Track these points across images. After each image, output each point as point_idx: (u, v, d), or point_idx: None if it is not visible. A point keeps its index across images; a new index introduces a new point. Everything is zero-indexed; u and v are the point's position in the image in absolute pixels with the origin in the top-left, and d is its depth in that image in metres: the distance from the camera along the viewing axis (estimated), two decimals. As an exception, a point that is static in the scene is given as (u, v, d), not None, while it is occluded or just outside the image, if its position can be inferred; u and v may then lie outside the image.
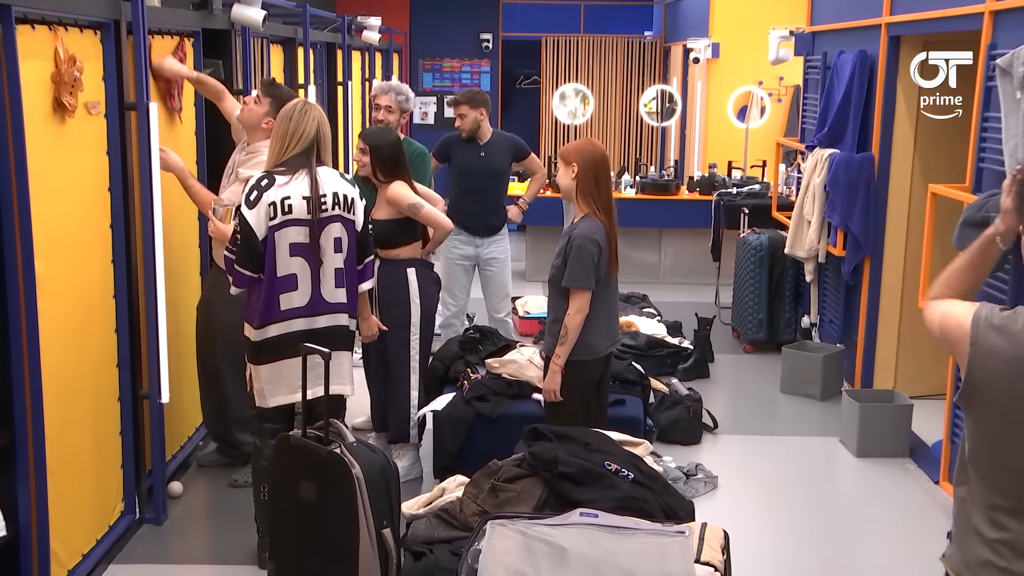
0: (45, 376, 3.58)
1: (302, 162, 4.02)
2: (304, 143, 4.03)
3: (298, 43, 7.62)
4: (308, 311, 4.04)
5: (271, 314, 4.00)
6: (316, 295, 4.05)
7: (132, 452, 4.42)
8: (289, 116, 4.05)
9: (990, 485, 2.30)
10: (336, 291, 4.10)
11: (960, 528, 2.38)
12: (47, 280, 3.62)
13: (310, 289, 4.03)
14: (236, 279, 4.02)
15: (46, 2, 3.61)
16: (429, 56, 14.34)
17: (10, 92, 3.35)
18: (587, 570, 2.79)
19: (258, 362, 4.07)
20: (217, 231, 4.30)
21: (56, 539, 3.73)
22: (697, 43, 11.52)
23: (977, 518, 2.32)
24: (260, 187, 3.95)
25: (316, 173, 4.02)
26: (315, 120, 4.06)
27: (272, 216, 3.93)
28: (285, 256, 3.97)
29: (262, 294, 3.98)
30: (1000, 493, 2.28)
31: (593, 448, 3.75)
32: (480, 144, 6.32)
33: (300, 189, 3.97)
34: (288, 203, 3.95)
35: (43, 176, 3.58)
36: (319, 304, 4.06)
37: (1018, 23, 4.52)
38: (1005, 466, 2.27)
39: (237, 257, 3.97)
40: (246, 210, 3.93)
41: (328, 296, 4.08)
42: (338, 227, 4.09)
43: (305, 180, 3.99)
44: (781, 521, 4.85)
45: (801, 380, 6.61)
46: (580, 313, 4.22)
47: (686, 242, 9.75)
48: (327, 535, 3.36)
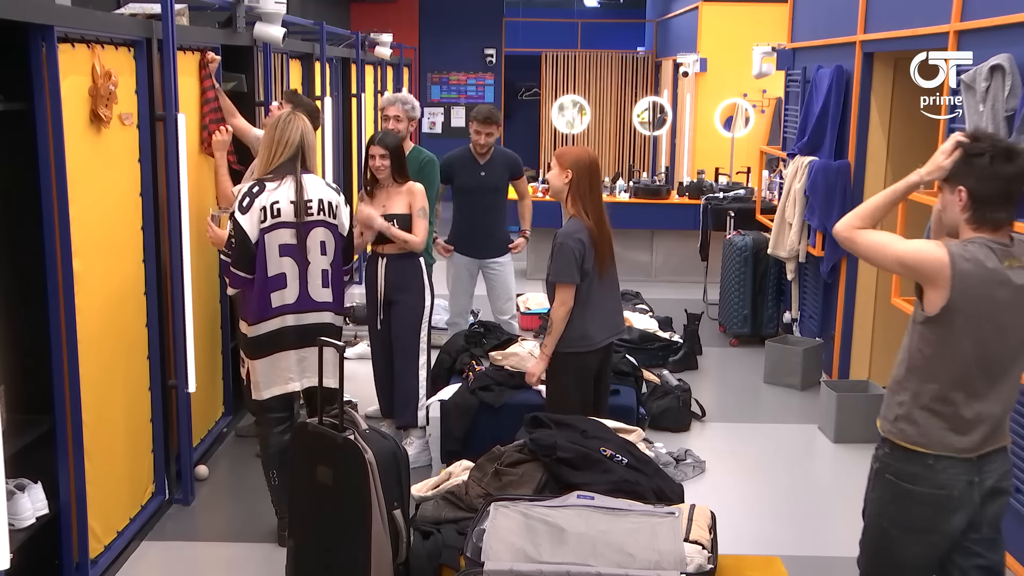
0: (82, 367, 3.60)
1: (289, 169, 4.04)
2: (290, 151, 4.05)
3: (315, 58, 7.63)
4: (297, 308, 4.07)
5: (265, 311, 4.03)
6: (304, 293, 4.07)
7: (162, 438, 4.43)
8: (275, 126, 4.08)
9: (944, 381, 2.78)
10: (322, 290, 4.12)
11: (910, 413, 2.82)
12: (84, 278, 3.64)
13: (298, 288, 4.06)
14: (232, 280, 4.05)
15: (85, 22, 3.62)
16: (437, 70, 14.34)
17: (52, 105, 3.37)
18: (584, 548, 2.80)
19: (254, 357, 4.09)
20: (215, 236, 4.29)
21: (93, 517, 3.76)
22: (686, 58, 11.54)
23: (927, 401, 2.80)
24: (252, 194, 3.97)
25: (301, 179, 4.05)
26: (299, 129, 4.07)
27: (263, 220, 3.96)
28: (275, 256, 4.00)
29: (255, 293, 4.01)
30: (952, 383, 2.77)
31: (589, 435, 3.76)
32: (481, 163, 6.00)
33: (287, 194, 4.00)
34: (277, 207, 3.98)
35: (80, 182, 3.60)
36: (307, 302, 4.08)
37: (980, 42, 4.53)
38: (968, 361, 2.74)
39: (232, 260, 4.00)
40: (239, 216, 3.95)
41: (315, 295, 4.10)
42: (323, 231, 4.10)
43: (292, 185, 4.02)
44: (764, 502, 4.86)
45: (783, 371, 6.62)
46: (564, 306, 4.22)
47: (676, 243, 9.74)
48: (342, 515, 3.37)
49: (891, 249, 2.84)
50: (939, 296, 2.73)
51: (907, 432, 2.83)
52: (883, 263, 2.95)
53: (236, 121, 5.17)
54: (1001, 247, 2.73)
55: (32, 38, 3.31)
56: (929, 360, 2.80)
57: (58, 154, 3.41)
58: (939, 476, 2.79)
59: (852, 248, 2.96)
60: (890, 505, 2.90)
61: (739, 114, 10.49)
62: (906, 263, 2.80)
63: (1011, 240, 2.76)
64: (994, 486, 2.81)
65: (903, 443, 2.84)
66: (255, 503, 4.66)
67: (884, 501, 2.92)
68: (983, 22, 4.51)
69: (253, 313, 4.03)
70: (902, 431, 2.84)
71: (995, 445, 2.82)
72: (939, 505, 2.80)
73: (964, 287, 2.69)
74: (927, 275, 2.75)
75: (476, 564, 2.80)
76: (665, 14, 14.12)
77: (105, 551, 3.92)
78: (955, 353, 2.75)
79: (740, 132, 10.44)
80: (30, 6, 3.20)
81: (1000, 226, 2.75)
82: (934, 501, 2.80)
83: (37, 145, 3.38)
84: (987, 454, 2.80)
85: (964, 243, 2.74)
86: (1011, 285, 2.71)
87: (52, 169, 3.41)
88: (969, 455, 2.78)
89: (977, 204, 2.73)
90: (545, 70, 14.87)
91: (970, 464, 2.78)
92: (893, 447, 2.87)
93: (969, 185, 2.74)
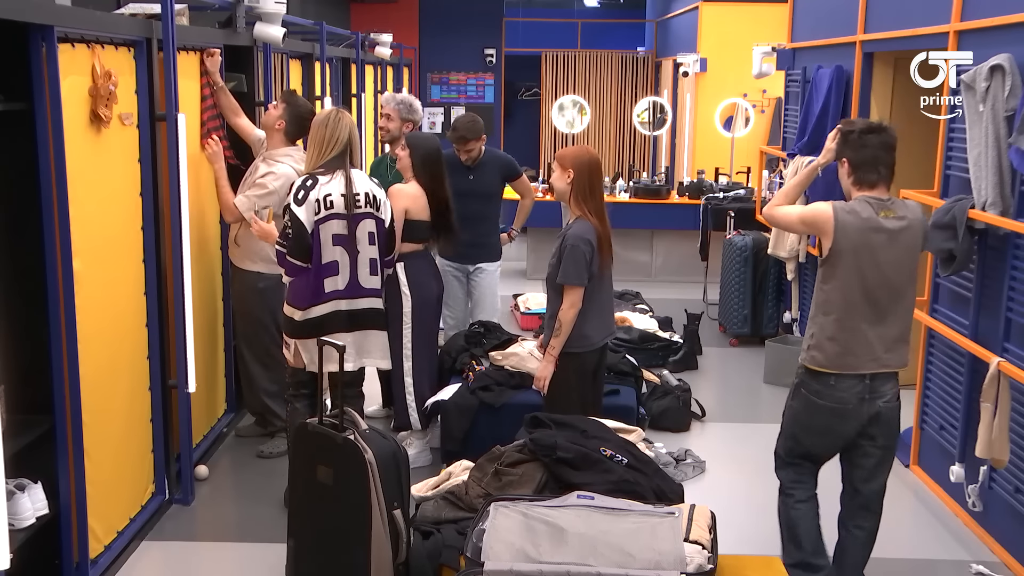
0: (82, 367, 3.60)
1: (338, 164, 4.30)
2: (339, 147, 4.31)
3: (315, 58, 7.62)
4: (347, 294, 4.35)
5: (318, 297, 4.29)
6: (354, 280, 4.35)
7: (162, 438, 4.43)
8: (325, 124, 4.32)
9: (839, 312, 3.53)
10: (371, 278, 4.42)
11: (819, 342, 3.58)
12: (84, 278, 3.64)
13: (348, 275, 4.33)
14: (288, 269, 4.27)
15: (85, 22, 3.62)
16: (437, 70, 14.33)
17: (52, 105, 3.37)
18: (584, 548, 2.80)
19: (302, 337, 4.33)
20: (262, 231, 4.49)
21: (93, 517, 3.76)
22: (686, 58, 11.53)
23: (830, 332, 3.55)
24: (306, 187, 4.22)
25: (351, 174, 4.29)
26: (347, 127, 4.33)
27: (317, 211, 4.21)
28: (328, 246, 4.26)
29: (310, 280, 4.26)
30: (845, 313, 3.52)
31: (589, 435, 3.76)
32: (469, 167, 5.70)
33: (338, 187, 4.27)
34: (329, 199, 4.24)
35: (81, 182, 3.59)
36: (356, 289, 4.37)
37: (980, 42, 4.53)
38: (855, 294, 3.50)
39: (288, 249, 4.22)
40: (295, 207, 4.18)
41: (364, 282, 4.39)
42: (370, 222, 4.37)
43: (342, 179, 4.28)
44: (764, 502, 4.85)
45: (783, 371, 6.61)
46: (573, 308, 4.23)
47: (676, 243, 9.75)
48: (342, 515, 3.37)
49: (794, 213, 3.75)
50: (828, 242, 3.53)
51: (816, 358, 3.60)
52: (790, 225, 3.91)
53: (239, 121, 5.17)
54: (878, 202, 3.51)
55: (32, 38, 3.31)
56: (827, 295, 3.57)
57: (58, 154, 3.41)
58: (837, 392, 3.57)
59: (773, 221, 3.89)
60: (801, 413, 3.73)
61: (739, 114, 10.49)
62: (804, 220, 3.68)
63: (888, 197, 3.53)
64: (882, 402, 3.58)
65: (812, 367, 3.62)
66: (255, 503, 4.66)
67: (797, 409, 3.75)
68: (983, 22, 4.51)
69: (306, 299, 4.29)
70: (812, 357, 3.61)
71: (884, 368, 3.56)
72: (836, 414, 3.61)
73: (845, 233, 3.48)
74: (818, 226, 3.57)
75: (476, 564, 2.80)
76: (665, 14, 14.12)
77: (105, 551, 3.91)
78: (844, 287, 3.52)
79: (740, 132, 10.44)
80: (30, 6, 3.20)
81: (875, 185, 3.53)
82: (833, 411, 3.60)
83: (37, 145, 3.38)
84: (877, 375, 3.55)
85: (849, 202, 3.55)
86: (885, 230, 3.48)
87: (52, 169, 3.40)
88: (862, 374, 3.54)
89: (854, 169, 3.57)
90: (545, 70, 14.87)
91: (863, 384, 3.54)
92: (806, 370, 3.66)
93: (848, 156, 3.59)
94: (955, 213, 4.40)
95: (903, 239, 3.50)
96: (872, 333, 3.50)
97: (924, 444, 5.16)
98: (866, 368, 3.53)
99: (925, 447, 5.15)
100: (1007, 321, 4.25)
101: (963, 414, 4.61)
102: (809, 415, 3.68)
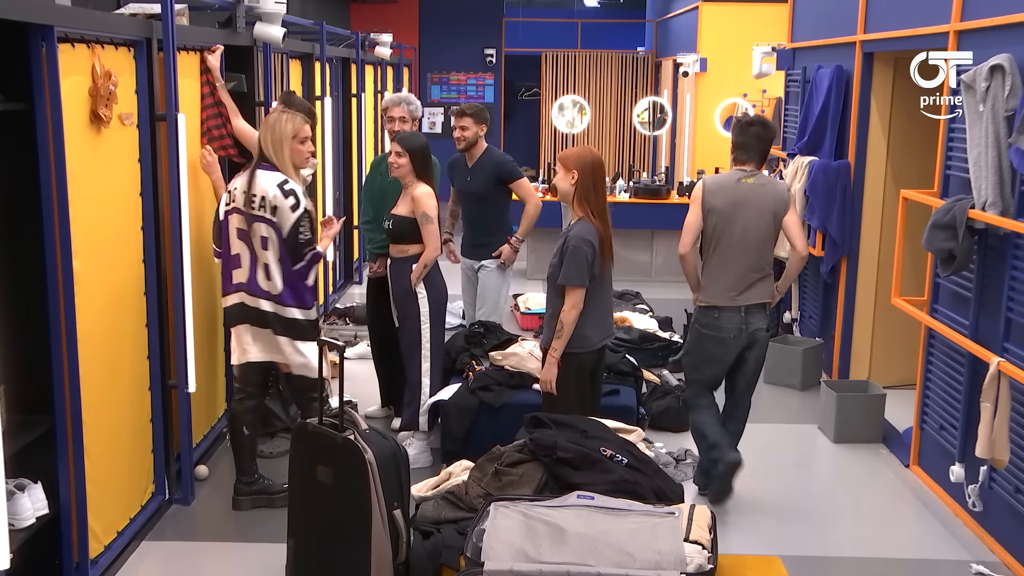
0: (82, 367, 3.60)
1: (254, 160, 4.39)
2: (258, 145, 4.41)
3: (315, 58, 7.63)
4: (248, 289, 4.38)
5: (227, 287, 4.43)
6: (252, 278, 4.37)
7: (162, 438, 4.43)
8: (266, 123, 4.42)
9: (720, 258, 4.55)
10: (266, 281, 4.35)
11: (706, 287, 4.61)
12: (84, 278, 3.64)
13: (249, 271, 4.37)
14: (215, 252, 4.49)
15: (85, 22, 3.62)
16: (437, 70, 14.34)
17: (52, 105, 3.37)
18: (584, 548, 2.80)
19: (227, 325, 4.54)
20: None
21: (93, 517, 3.76)
22: (686, 58, 11.53)
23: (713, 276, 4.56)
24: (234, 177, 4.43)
25: (256, 173, 4.30)
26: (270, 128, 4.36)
27: (227, 202, 4.37)
28: (234, 238, 4.36)
29: (223, 268, 4.44)
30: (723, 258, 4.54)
31: (589, 435, 3.76)
32: (469, 167, 5.76)
33: (242, 183, 4.33)
34: (235, 192, 4.34)
35: (81, 182, 3.59)
36: (254, 286, 4.37)
37: (980, 42, 4.53)
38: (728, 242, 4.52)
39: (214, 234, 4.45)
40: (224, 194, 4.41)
41: (260, 283, 4.36)
42: (264, 227, 4.31)
43: (246, 176, 4.33)
44: (764, 502, 4.86)
45: (783, 371, 6.62)
46: (575, 309, 4.22)
47: (676, 243, 9.63)
48: (342, 515, 3.37)
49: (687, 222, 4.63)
50: (704, 204, 4.55)
51: (705, 296, 4.58)
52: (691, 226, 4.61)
53: (236, 122, 5.17)
54: (744, 172, 4.58)
55: (32, 38, 3.31)
56: (712, 246, 4.55)
57: (58, 154, 3.41)
58: (720, 323, 4.56)
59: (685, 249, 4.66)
60: (695, 343, 4.71)
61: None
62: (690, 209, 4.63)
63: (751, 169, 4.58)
64: (755, 330, 4.58)
65: (702, 303, 4.60)
66: (255, 503, 4.66)
67: (692, 341, 4.74)
68: (983, 22, 4.51)
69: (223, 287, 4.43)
70: (703, 296, 4.59)
71: (756, 301, 4.56)
72: (720, 342, 4.58)
73: (712, 194, 4.54)
74: (695, 197, 4.61)
75: (476, 564, 2.80)
76: (665, 14, 14.12)
77: (105, 551, 3.91)
78: (720, 237, 4.52)
79: (740, 132, 10.41)
80: (30, 6, 3.20)
81: (744, 163, 4.60)
82: (718, 339, 4.58)
83: (37, 145, 3.38)
84: (751, 307, 4.55)
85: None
86: (744, 188, 4.53)
87: (52, 169, 3.40)
88: (739, 307, 4.53)
89: (734, 148, 4.66)
90: (545, 70, 14.87)
91: (739, 315, 4.54)
92: (699, 307, 4.64)
93: (733, 139, 4.65)
94: (955, 213, 4.40)
95: (758, 196, 4.52)
96: (744, 272, 4.51)
97: (924, 444, 5.16)
98: (741, 302, 4.52)
99: (925, 447, 5.16)
100: (1007, 321, 4.25)
101: (963, 414, 4.61)
102: (701, 344, 4.67)
